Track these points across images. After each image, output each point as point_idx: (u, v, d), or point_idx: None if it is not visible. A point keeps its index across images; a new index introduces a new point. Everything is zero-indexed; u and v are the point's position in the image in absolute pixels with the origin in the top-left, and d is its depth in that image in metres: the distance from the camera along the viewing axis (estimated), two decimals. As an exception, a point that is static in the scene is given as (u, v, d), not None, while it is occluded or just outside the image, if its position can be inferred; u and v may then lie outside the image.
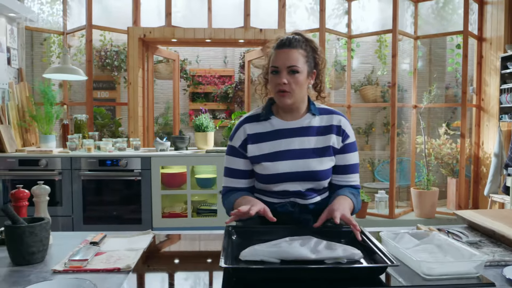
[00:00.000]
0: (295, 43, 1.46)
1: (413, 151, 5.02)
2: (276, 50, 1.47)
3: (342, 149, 1.54)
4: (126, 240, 1.43)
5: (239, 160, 1.55)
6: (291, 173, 1.48)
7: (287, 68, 1.44)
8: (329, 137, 1.53)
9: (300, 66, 1.45)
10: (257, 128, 1.55)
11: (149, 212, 3.13)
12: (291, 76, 1.44)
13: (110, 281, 1.09)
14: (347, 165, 1.55)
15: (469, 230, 1.54)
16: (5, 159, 3.04)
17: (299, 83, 1.46)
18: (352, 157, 1.56)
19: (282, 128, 1.53)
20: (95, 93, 6.26)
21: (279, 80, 1.44)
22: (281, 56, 1.44)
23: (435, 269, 1.10)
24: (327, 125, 1.54)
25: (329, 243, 1.24)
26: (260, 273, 1.09)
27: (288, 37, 1.48)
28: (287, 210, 1.53)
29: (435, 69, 5.93)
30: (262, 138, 1.53)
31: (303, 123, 1.54)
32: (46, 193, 1.41)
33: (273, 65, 1.46)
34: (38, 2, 4.44)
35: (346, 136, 1.55)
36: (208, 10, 4.62)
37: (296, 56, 1.44)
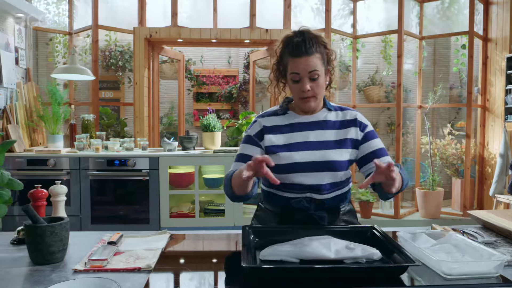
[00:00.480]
0: (310, 49, 1.47)
1: (418, 151, 5.03)
2: (294, 58, 1.47)
3: (364, 138, 1.56)
4: (143, 240, 1.43)
5: (252, 147, 1.56)
6: (308, 163, 1.49)
7: (308, 74, 1.47)
8: (347, 130, 1.56)
9: (319, 70, 1.48)
10: (274, 121, 1.59)
11: (157, 212, 3.14)
12: (313, 82, 1.48)
13: (132, 280, 1.09)
14: (375, 150, 1.55)
15: (483, 230, 1.54)
16: (14, 159, 3.04)
17: (320, 87, 1.51)
18: (377, 142, 1.57)
19: (299, 122, 1.57)
20: (99, 93, 6.27)
21: (302, 87, 1.48)
22: (301, 64, 1.46)
23: (455, 269, 1.10)
24: (343, 119, 1.58)
25: (348, 243, 1.24)
26: (282, 273, 1.09)
27: (302, 42, 1.47)
28: (302, 206, 1.52)
29: (439, 70, 5.93)
30: (279, 130, 1.56)
31: (319, 117, 1.57)
32: (64, 193, 1.42)
33: (293, 72, 1.48)
34: (44, 2, 4.44)
35: (364, 126, 1.58)
36: (213, 10, 4.63)
37: (315, 62, 1.47)
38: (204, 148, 3.53)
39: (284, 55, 1.53)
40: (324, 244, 1.22)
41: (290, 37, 1.52)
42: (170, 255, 1.30)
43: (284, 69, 1.54)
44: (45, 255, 1.19)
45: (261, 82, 6.41)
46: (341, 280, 1.07)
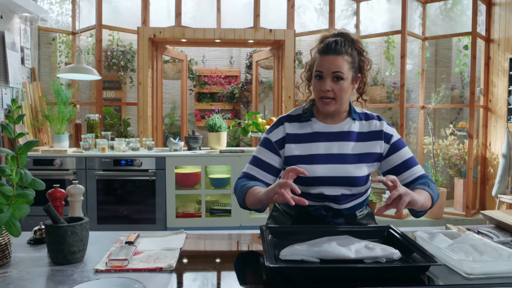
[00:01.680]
0: (340, 49, 1.42)
1: (421, 152, 5.04)
2: (321, 55, 1.44)
3: (391, 149, 1.52)
4: (160, 239, 1.43)
5: (270, 154, 1.53)
6: (328, 177, 1.46)
7: (332, 73, 1.42)
8: (371, 144, 1.52)
9: (345, 72, 1.42)
10: (297, 128, 1.53)
11: (163, 212, 3.14)
12: (335, 82, 1.43)
13: (155, 280, 1.09)
14: (404, 160, 1.52)
15: (497, 230, 1.55)
16: (20, 159, 3.03)
17: (343, 90, 1.44)
18: (406, 152, 1.53)
19: (322, 131, 1.51)
20: (101, 92, 6.26)
21: (323, 86, 1.43)
22: (326, 62, 1.42)
23: (476, 268, 1.11)
24: (368, 131, 1.53)
25: (367, 242, 1.25)
26: (304, 272, 1.09)
27: (334, 41, 1.44)
28: (320, 214, 1.51)
29: (441, 70, 5.95)
30: (300, 139, 1.52)
31: (343, 128, 1.52)
32: (81, 193, 1.42)
33: (317, 69, 1.45)
34: (47, 1, 4.43)
35: (390, 137, 1.53)
36: (217, 10, 4.63)
37: (341, 62, 1.42)
38: (210, 148, 3.53)
39: (315, 53, 1.49)
40: (344, 244, 1.23)
41: (326, 36, 1.49)
42: (189, 255, 1.30)
43: (312, 67, 1.50)
44: (65, 255, 1.19)
45: (263, 82, 6.42)
46: (361, 279, 1.08)
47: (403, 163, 1.51)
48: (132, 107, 6.18)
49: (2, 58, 2.98)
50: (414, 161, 1.54)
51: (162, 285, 1.06)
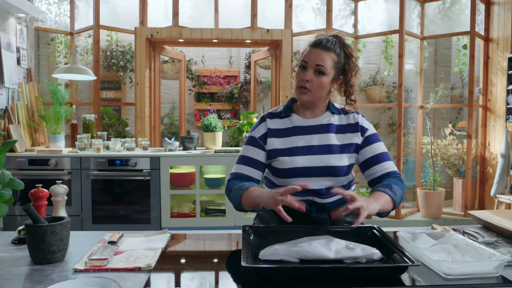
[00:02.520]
0: (329, 46, 1.48)
1: (419, 152, 5.02)
2: (310, 47, 1.50)
3: (365, 141, 1.55)
4: (143, 239, 1.43)
5: (256, 150, 1.56)
6: (309, 167, 1.49)
7: (316, 66, 1.46)
8: (349, 135, 1.55)
9: (328, 69, 1.47)
10: (278, 123, 1.58)
11: (158, 211, 3.14)
12: (316, 75, 1.47)
13: (132, 280, 1.10)
14: (376, 154, 1.54)
15: (484, 230, 1.54)
16: (15, 159, 3.05)
17: (321, 85, 1.48)
18: (379, 147, 1.56)
19: (302, 125, 1.56)
20: (100, 93, 6.28)
21: (303, 76, 1.48)
22: (312, 54, 1.48)
23: (455, 269, 1.10)
24: (346, 124, 1.57)
25: (348, 242, 1.24)
26: (281, 272, 1.09)
27: (326, 38, 1.50)
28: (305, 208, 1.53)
29: (440, 70, 5.92)
30: (282, 133, 1.56)
31: (323, 121, 1.56)
32: (65, 193, 1.42)
33: (303, 59, 1.49)
34: (45, 2, 4.45)
35: (365, 130, 1.57)
36: (215, 10, 4.63)
37: (326, 58, 1.47)
38: (205, 148, 3.54)
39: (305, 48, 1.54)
40: (324, 244, 1.22)
41: (322, 34, 1.54)
42: (171, 255, 1.31)
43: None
44: (45, 254, 1.19)
45: (262, 82, 6.41)
46: (341, 280, 1.08)
47: (374, 157, 1.53)
48: (132, 107, 6.18)
49: (-2, 58, 2.99)
50: (386, 156, 1.56)
51: (139, 284, 1.06)
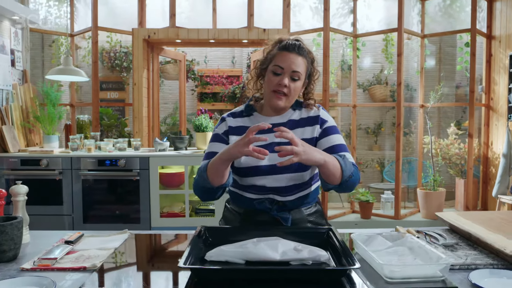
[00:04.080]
0: (302, 51, 1.50)
1: (420, 151, 4.95)
2: (283, 51, 1.49)
3: (322, 133, 1.55)
4: (101, 239, 1.44)
5: (221, 145, 1.55)
6: (269, 165, 1.49)
7: (292, 72, 1.47)
8: (308, 129, 1.55)
9: (302, 74, 1.49)
10: (239, 122, 1.58)
11: (148, 211, 3.17)
12: (292, 81, 1.48)
13: (74, 279, 1.10)
14: (333, 145, 1.52)
15: (449, 232, 1.52)
16: (8, 159, 3.11)
17: (296, 90, 1.50)
18: (335, 138, 1.53)
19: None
20: (105, 93, 6.36)
21: (281, 81, 1.47)
22: (288, 59, 1.47)
23: (397, 272, 1.08)
24: (307, 117, 1.57)
25: (296, 244, 1.23)
26: (217, 273, 1.09)
27: (297, 43, 1.50)
28: (264, 207, 1.53)
29: (445, 68, 5.83)
30: (243, 131, 1.54)
31: (284, 118, 1.57)
32: (24, 193, 1.44)
33: (277, 65, 1.47)
34: (46, 5, 4.52)
35: (324, 121, 1.56)
36: (213, 10, 4.64)
37: (301, 63, 1.49)
38: (196, 148, 3.55)
39: (273, 51, 1.52)
40: (271, 245, 1.22)
41: (284, 38, 1.54)
42: (121, 255, 1.31)
43: (267, 64, 1.52)
44: (-5, 253, 1.21)
45: (265, 82, 6.42)
46: (283, 281, 1.07)
47: (331, 148, 1.51)
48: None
49: (-10, 60, 3.05)
50: (343, 148, 1.53)
51: (78, 283, 1.07)
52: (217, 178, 1.39)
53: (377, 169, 6.25)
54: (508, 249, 1.18)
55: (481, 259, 1.22)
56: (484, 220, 1.48)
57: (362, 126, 6.41)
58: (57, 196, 3.13)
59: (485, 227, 1.39)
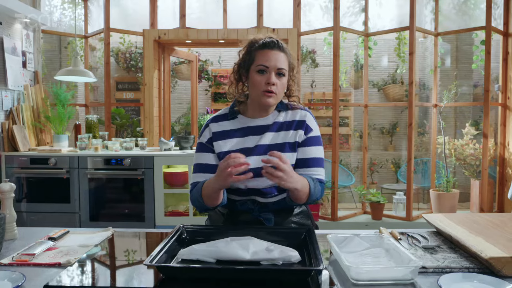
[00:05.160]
0: (283, 47, 1.51)
1: (434, 152, 4.85)
2: (265, 49, 1.48)
3: (304, 142, 1.54)
4: (85, 236, 1.47)
5: (208, 155, 1.56)
6: (255, 168, 1.47)
7: (277, 69, 1.46)
8: (292, 132, 1.54)
9: (287, 70, 1.50)
10: (223, 126, 1.58)
11: (152, 210, 3.21)
12: (278, 78, 1.47)
13: (47, 274, 1.13)
14: (309, 158, 1.52)
15: (434, 235, 1.48)
16: (18, 158, 3.21)
17: (283, 86, 1.50)
18: (314, 151, 1.54)
19: (247, 126, 1.55)
20: (121, 94, 6.48)
21: (268, 80, 1.46)
22: (271, 57, 1.46)
23: (362, 274, 1.07)
24: (290, 120, 1.56)
25: (269, 244, 1.23)
26: (182, 272, 1.10)
27: (274, 40, 1.51)
28: (247, 208, 1.54)
29: (461, 67, 5.69)
30: (227, 135, 1.56)
31: (268, 121, 1.56)
32: (12, 190, 1.48)
33: (262, 64, 1.47)
34: (60, 7, 4.63)
35: (309, 130, 1.55)
36: (223, 11, 4.66)
37: (283, 59, 1.49)
38: (202, 148, 3.57)
39: (250, 51, 1.51)
40: (243, 245, 1.22)
41: (259, 38, 1.54)
42: (99, 252, 1.33)
43: (248, 65, 1.51)
44: (-24, 249, 1.25)
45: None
46: (251, 281, 1.07)
47: (308, 159, 1.52)
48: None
49: (2, 62, 3.15)
50: (317, 162, 1.53)
51: (48, 278, 1.10)
52: (213, 201, 1.45)
53: (392, 170, 6.16)
54: (484, 252, 1.14)
55: (458, 263, 1.19)
56: (468, 223, 1.44)
57: (377, 126, 6.33)
58: (64, 194, 3.21)
59: (467, 230, 1.36)
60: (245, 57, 1.53)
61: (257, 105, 1.54)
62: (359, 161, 6.08)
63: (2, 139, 3.20)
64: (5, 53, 3.13)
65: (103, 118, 4.52)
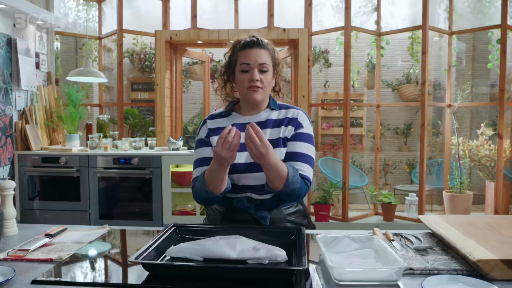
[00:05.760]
0: (263, 44, 1.55)
1: (448, 153, 4.77)
2: (245, 49, 1.53)
3: (293, 137, 1.55)
4: (81, 233, 1.51)
5: (207, 149, 1.59)
6: (247, 164, 1.51)
7: (259, 65, 1.50)
8: (283, 129, 1.55)
9: (269, 65, 1.53)
10: (218, 122, 1.62)
11: (160, 209, 3.25)
12: (262, 74, 1.51)
13: (37, 270, 1.16)
14: (296, 152, 1.53)
15: (429, 236, 1.47)
16: (30, 156, 3.29)
17: (268, 81, 1.53)
18: (302, 146, 1.54)
19: (241, 123, 1.58)
20: (135, 94, 6.57)
21: (251, 76, 1.49)
22: (252, 55, 1.51)
23: (345, 275, 1.07)
24: (283, 118, 1.58)
25: (257, 243, 1.23)
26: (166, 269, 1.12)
27: (253, 39, 1.55)
28: (243, 205, 1.55)
29: (478, 66, 5.58)
30: (220, 132, 1.56)
31: (261, 117, 1.59)
32: (12, 188, 1.52)
33: (244, 62, 1.51)
34: (75, 9, 4.73)
35: (300, 126, 1.56)
36: (235, 11, 4.68)
37: (266, 55, 1.52)
38: (211, 148, 3.60)
39: (234, 53, 1.57)
40: (230, 243, 1.23)
41: (241, 38, 1.58)
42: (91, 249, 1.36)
43: (233, 66, 1.56)
44: (-26, 244, 1.29)
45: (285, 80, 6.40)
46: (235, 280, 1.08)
47: (295, 153, 1.52)
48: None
49: (15, 63, 3.23)
50: (306, 159, 1.52)
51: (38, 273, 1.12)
52: (218, 185, 1.46)
53: (406, 171, 6.08)
54: (473, 255, 1.13)
55: (448, 265, 1.18)
56: (464, 225, 1.42)
57: (391, 126, 6.25)
58: (75, 192, 3.28)
59: (461, 232, 1.33)
60: (230, 58, 1.58)
61: (247, 103, 1.58)
62: (372, 161, 6.02)
63: (15, 138, 3.28)
64: (18, 55, 3.22)
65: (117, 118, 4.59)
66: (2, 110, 3.11)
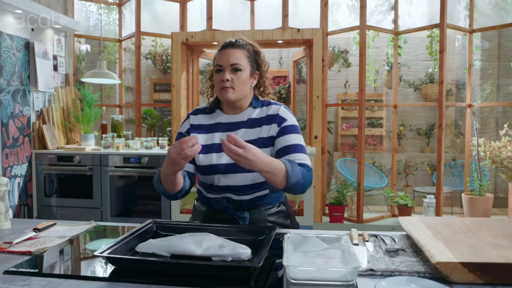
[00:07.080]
0: (238, 44, 1.57)
1: (468, 154, 4.63)
2: (221, 50, 1.57)
3: (280, 132, 1.55)
4: (68, 228, 1.57)
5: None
6: (227, 164, 1.53)
7: (230, 66, 1.52)
8: (266, 127, 1.56)
9: (243, 64, 1.53)
10: (201, 119, 1.64)
11: (168, 207, 3.32)
12: (234, 73, 1.52)
13: (15, 261, 1.23)
14: (288, 145, 1.52)
15: (406, 237, 1.45)
16: (46, 155, 3.44)
17: (241, 81, 1.53)
18: (292, 138, 1.53)
19: (223, 122, 1.60)
20: (158, 95, 6.72)
21: (222, 77, 1.52)
22: (225, 55, 1.53)
23: (298, 273, 1.08)
24: (266, 115, 1.58)
25: (223, 241, 1.26)
26: (127, 263, 1.16)
27: (231, 40, 1.59)
28: (222, 206, 1.57)
29: (504, 65, 5.39)
30: (204, 129, 1.61)
31: (243, 117, 1.60)
32: (5, 184, 1.61)
33: (217, 64, 1.55)
34: (96, 13, 4.89)
35: (283, 120, 1.56)
36: (250, 12, 4.72)
37: (239, 55, 1.53)
38: (220, 148, 3.64)
39: (215, 55, 1.60)
40: (197, 240, 1.26)
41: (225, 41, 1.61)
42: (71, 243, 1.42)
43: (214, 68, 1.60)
44: (-38, 237, 1.38)
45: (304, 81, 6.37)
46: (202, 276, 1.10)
47: (285, 147, 1.51)
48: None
49: (33, 66, 3.38)
50: (299, 148, 1.51)
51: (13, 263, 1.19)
52: (173, 187, 1.48)
53: (428, 172, 5.93)
54: (434, 257, 1.11)
55: (413, 267, 1.16)
56: (439, 226, 1.39)
57: (413, 127, 6.12)
58: (88, 190, 3.40)
59: (433, 234, 1.31)
60: (213, 61, 1.62)
61: (224, 103, 1.60)
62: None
63: (33, 137, 3.44)
64: (36, 57, 3.38)
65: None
66: (20, 110, 3.27)
